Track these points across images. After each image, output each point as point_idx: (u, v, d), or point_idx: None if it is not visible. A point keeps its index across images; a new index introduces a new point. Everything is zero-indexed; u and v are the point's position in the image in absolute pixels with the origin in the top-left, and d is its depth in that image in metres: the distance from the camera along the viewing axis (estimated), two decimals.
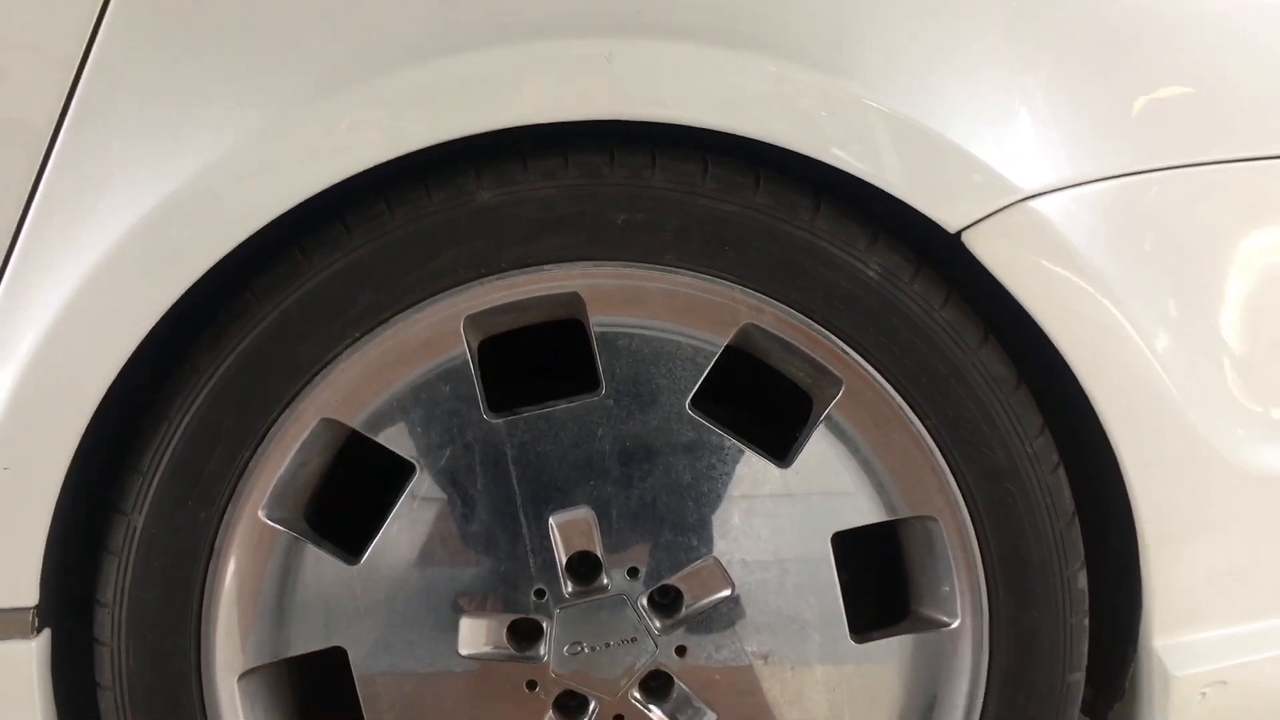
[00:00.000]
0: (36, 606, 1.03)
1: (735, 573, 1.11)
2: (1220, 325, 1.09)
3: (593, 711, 1.12)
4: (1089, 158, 1.05)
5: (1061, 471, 1.10)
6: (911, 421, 1.09)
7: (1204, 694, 1.11)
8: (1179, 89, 1.08)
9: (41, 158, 0.96)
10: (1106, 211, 1.05)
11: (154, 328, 0.99)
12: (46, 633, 1.05)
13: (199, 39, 0.97)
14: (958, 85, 1.03)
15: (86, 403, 0.99)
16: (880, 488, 1.11)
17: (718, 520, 1.11)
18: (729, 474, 1.11)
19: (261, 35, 0.98)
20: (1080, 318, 1.05)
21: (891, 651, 1.14)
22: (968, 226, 1.02)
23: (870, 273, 1.06)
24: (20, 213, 0.97)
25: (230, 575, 1.08)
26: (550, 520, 1.09)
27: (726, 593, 1.11)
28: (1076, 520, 1.11)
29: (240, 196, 0.98)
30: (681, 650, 1.12)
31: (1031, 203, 1.03)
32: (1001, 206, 1.02)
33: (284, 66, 0.98)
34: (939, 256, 1.07)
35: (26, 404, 0.99)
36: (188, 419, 1.04)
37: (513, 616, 1.11)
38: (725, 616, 1.12)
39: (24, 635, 1.03)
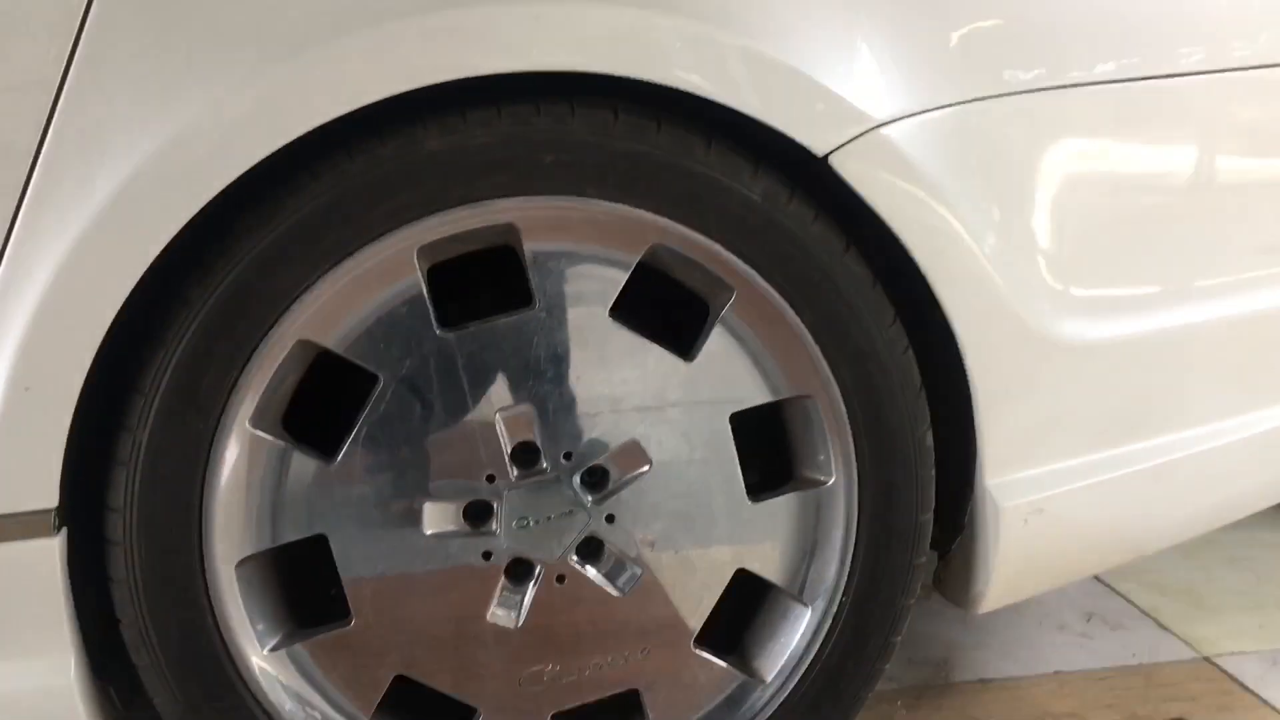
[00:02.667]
0: (57, 508, 1.18)
1: (652, 451, 1.33)
2: (1032, 225, 1.34)
3: (539, 574, 1.34)
4: (928, 89, 1.28)
5: (910, 353, 1.35)
6: (790, 318, 1.31)
7: (1026, 520, 1.39)
8: (993, 24, 1.31)
9: (52, 101, 1.09)
10: (943, 135, 1.29)
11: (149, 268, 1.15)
12: (64, 531, 1.20)
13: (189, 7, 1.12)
14: (824, 32, 1.25)
15: (96, 330, 1.13)
16: (767, 374, 1.34)
17: (636, 408, 1.33)
18: (644, 370, 1.32)
19: (232, 5, 1.13)
20: (924, 225, 1.28)
21: (780, 507, 1.38)
22: (832, 151, 1.25)
23: (754, 197, 1.28)
24: (33, 154, 1.10)
25: (224, 478, 1.24)
26: (496, 416, 1.29)
27: (645, 469, 1.33)
28: (923, 391, 1.37)
29: (227, 144, 1.13)
30: (610, 519, 1.34)
31: (883, 129, 1.26)
32: (859, 133, 1.25)
33: (261, 30, 1.13)
34: (812, 181, 1.30)
35: (44, 331, 1.13)
36: (182, 344, 1.19)
37: (468, 499, 1.30)
38: (646, 487, 1.34)
39: (46, 534, 1.18)
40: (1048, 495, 1.40)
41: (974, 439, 1.37)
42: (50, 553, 1.18)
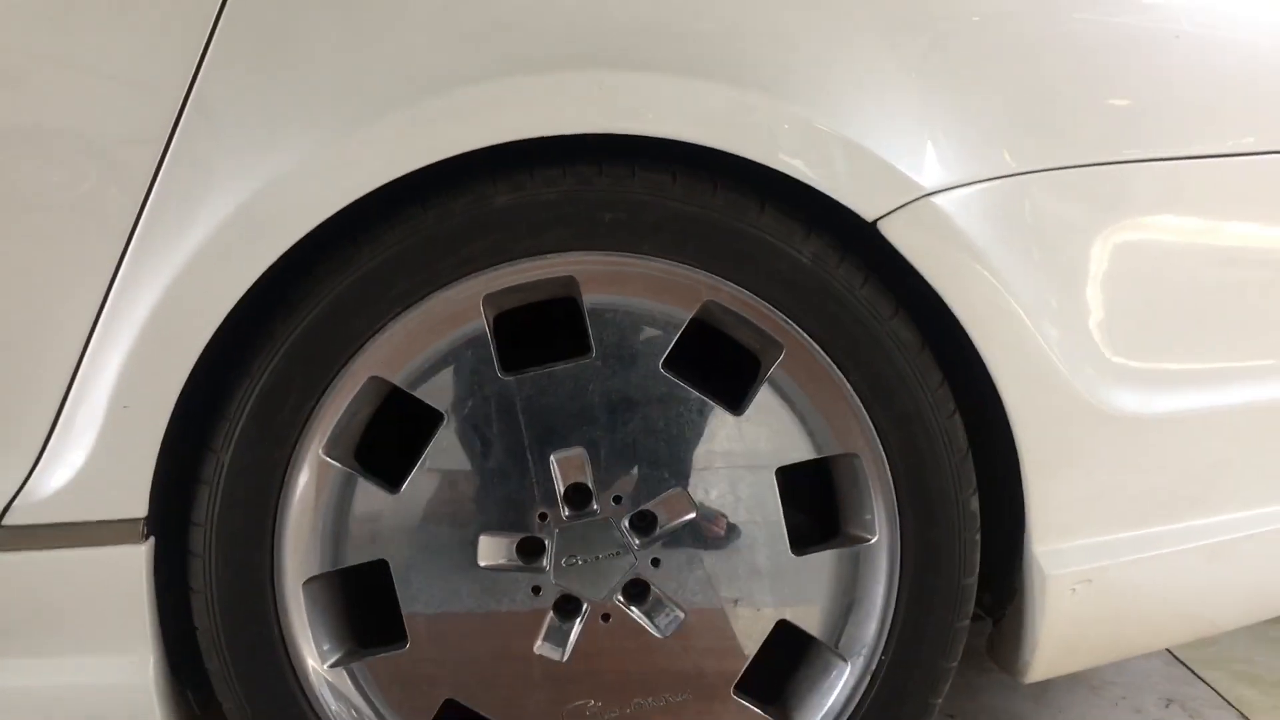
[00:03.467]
0: (145, 518, 1.29)
1: (699, 499, 1.39)
2: (1084, 296, 1.36)
3: (585, 612, 1.40)
4: (979, 160, 1.32)
5: (957, 417, 1.38)
6: (838, 378, 1.36)
7: (1074, 590, 1.39)
8: (1046, 99, 1.34)
9: (163, 147, 1.23)
10: (994, 205, 1.32)
11: (237, 304, 1.27)
12: (152, 540, 1.31)
13: (282, 77, 1.24)
14: (875, 101, 1.30)
15: (189, 356, 1.25)
16: (813, 431, 1.39)
17: (685, 458, 1.39)
18: (693, 421, 1.38)
19: (331, 70, 1.25)
20: (971, 292, 1.32)
21: (823, 562, 1.42)
22: (881, 216, 1.30)
23: (804, 259, 1.33)
24: (144, 196, 1.23)
25: (296, 501, 1.34)
26: (551, 458, 1.36)
27: (691, 516, 1.38)
28: (970, 456, 1.39)
29: (308, 194, 1.24)
30: (656, 562, 1.40)
31: (933, 198, 1.31)
32: (908, 201, 1.30)
33: (342, 92, 1.25)
34: (863, 245, 1.35)
35: (143, 355, 1.26)
36: (265, 375, 1.30)
37: (521, 535, 1.38)
38: (691, 535, 1.40)
39: (135, 541, 1.30)
40: (1097, 566, 1.40)
41: (1023, 504, 1.38)
42: (137, 559, 1.30)
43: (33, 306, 1.26)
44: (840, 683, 1.43)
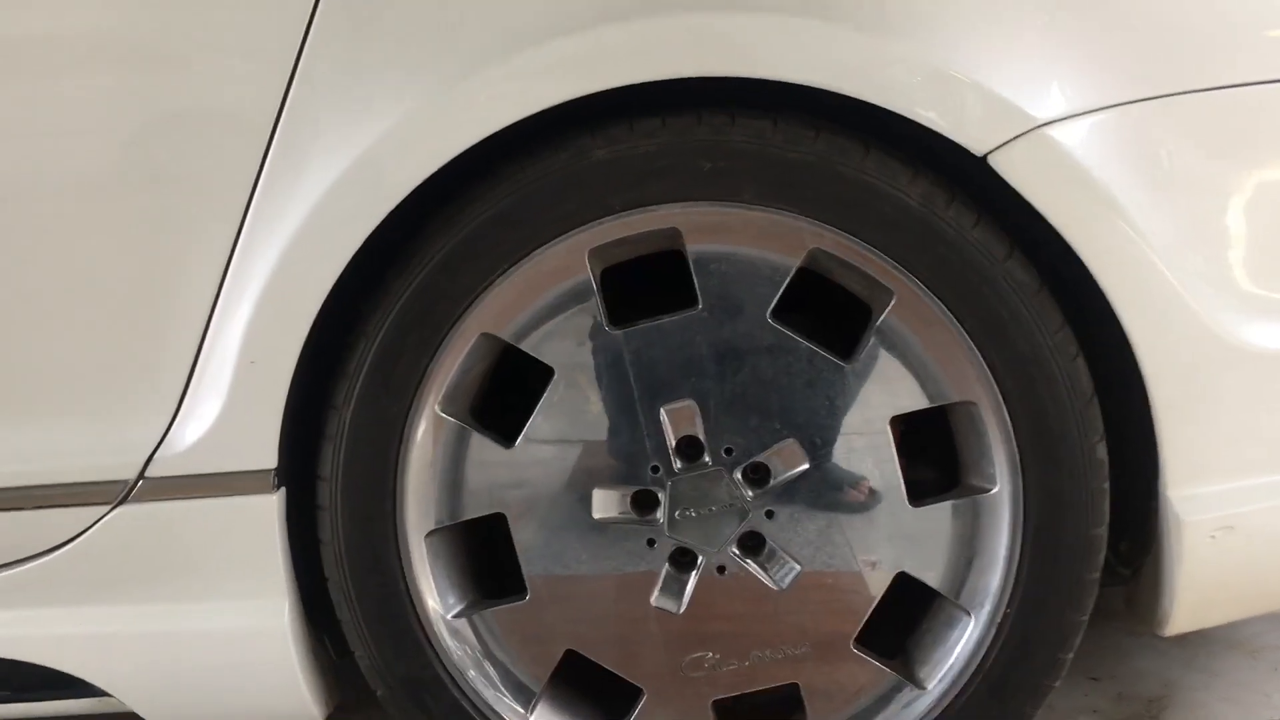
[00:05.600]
0: (276, 469, 1.36)
1: (812, 450, 1.37)
2: (1214, 226, 1.29)
3: (700, 564, 1.40)
4: (1096, 88, 1.27)
5: (1081, 360, 1.32)
6: (952, 323, 1.32)
7: (1213, 537, 1.32)
8: (1167, 21, 1.27)
9: (273, 119, 1.29)
10: (1114, 134, 1.26)
11: (356, 263, 1.32)
12: (283, 490, 1.38)
13: (384, 30, 1.28)
14: (983, 29, 1.26)
15: (308, 313, 1.31)
16: (927, 379, 1.35)
17: (796, 408, 1.37)
18: (804, 371, 1.37)
19: (426, 31, 1.28)
20: (1092, 226, 1.26)
21: (943, 514, 1.38)
22: (991, 150, 1.25)
23: (912, 201, 1.30)
24: (260, 161, 1.29)
25: (415, 456, 1.39)
26: (661, 410, 1.37)
27: (805, 467, 1.37)
28: (1095, 400, 1.33)
29: (414, 152, 1.28)
30: (770, 514, 1.39)
31: (1047, 129, 1.25)
32: (1020, 132, 1.25)
33: (439, 50, 1.28)
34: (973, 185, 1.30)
35: (267, 315, 1.32)
36: (381, 334, 1.35)
37: (634, 488, 1.39)
38: (805, 486, 1.38)
39: (267, 491, 1.36)
40: (1239, 512, 1.32)
41: (1156, 449, 1.32)
42: (270, 508, 1.37)
43: (165, 268, 1.34)
44: (964, 636, 1.39)
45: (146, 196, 1.34)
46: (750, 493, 1.38)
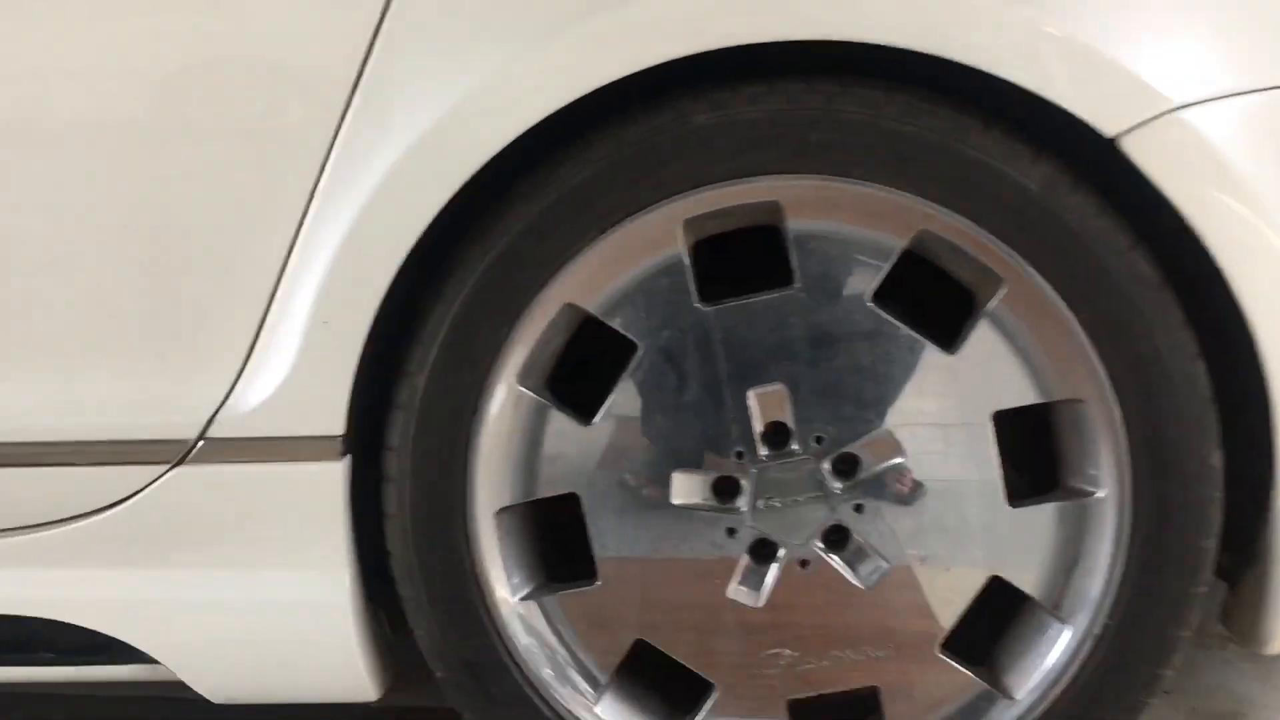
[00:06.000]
0: (343, 435, 1.29)
1: (907, 443, 1.29)
2: None
3: (782, 557, 1.33)
4: (1235, 71, 1.19)
5: (1200, 362, 1.24)
6: (1065, 316, 1.24)
7: None
8: None
9: (356, 72, 1.21)
10: (1250, 121, 1.19)
11: (434, 226, 1.25)
12: (349, 459, 1.31)
13: None
14: (1116, 6, 1.18)
15: (384, 277, 1.24)
16: (1035, 373, 1.27)
17: (892, 398, 1.30)
18: (903, 359, 1.29)
19: None
20: (1226, 219, 1.18)
21: (1042, 516, 1.31)
22: (1122, 133, 1.17)
23: (1032, 185, 1.22)
24: (340, 114, 1.22)
25: (489, 429, 1.32)
26: (749, 393, 1.30)
27: (899, 460, 1.30)
28: (1213, 405, 1.25)
29: (506, 108, 1.21)
30: (859, 508, 1.32)
31: (1182, 112, 1.17)
32: (1154, 115, 1.17)
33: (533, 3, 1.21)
34: (1099, 171, 1.22)
35: (341, 275, 1.25)
36: (460, 300, 1.28)
37: (716, 474, 1.32)
38: (899, 480, 1.31)
39: (333, 458, 1.29)
40: None
41: (1273, 458, 1.24)
42: (334, 476, 1.30)
43: (236, 221, 1.27)
44: (1057, 646, 1.32)
45: (220, 145, 1.26)
46: (839, 484, 1.31)
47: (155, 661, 1.39)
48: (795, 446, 1.31)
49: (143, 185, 1.27)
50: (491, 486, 1.33)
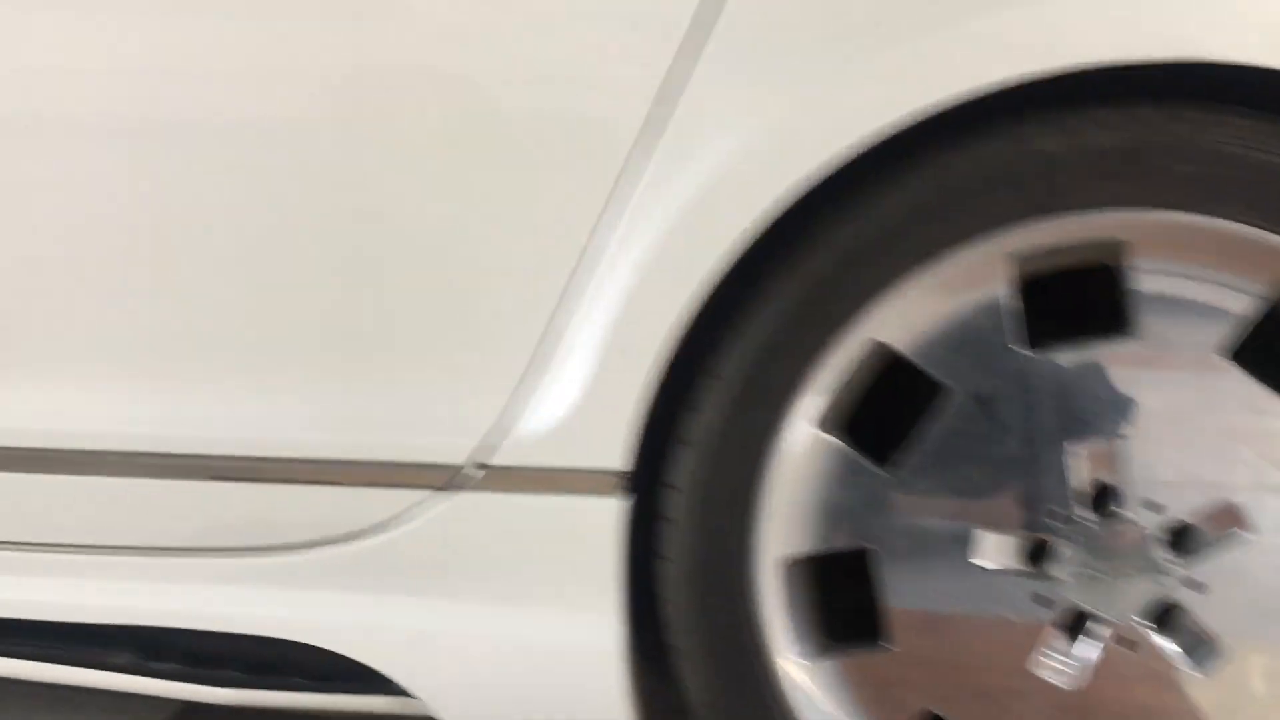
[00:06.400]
0: (625, 472, 1.21)
1: (1257, 514, 1.15)
2: None
3: (1100, 634, 1.19)
4: None
5: None
6: None
7: None
8: None
9: (659, 86, 1.14)
10: None
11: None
12: (629, 497, 1.22)
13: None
14: None
15: (690, 302, 1.16)
16: None
17: (1239, 463, 1.15)
18: (1252, 420, 1.14)
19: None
20: None
21: None
22: None
23: None
24: (634, 136, 1.15)
25: (781, 473, 1.22)
26: (1072, 449, 1.17)
27: (1244, 534, 1.15)
28: None
29: (817, 130, 1.11)
30: (1195, 585, 1.17)
31: None
32: None
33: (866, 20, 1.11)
34: None
35: (639, 306, 1.17)
36: (759, 333, 1.19)
37: (1028, 535, 1.19)
38: (1245, 556, 1.16)
39: (612, 494, 1.21)
40: None
41: None
42: (612, 514, 1.22)
43: (525, 240, 1.20)
44: None
45: (510, 156, 1.20)
46: (1173, 557, 1.17)
47: (408, 695, 1.33)
48: (1124, 512, 1.17)
49: (449, 204, 1.21)
50: (779, 535, 1.23)
